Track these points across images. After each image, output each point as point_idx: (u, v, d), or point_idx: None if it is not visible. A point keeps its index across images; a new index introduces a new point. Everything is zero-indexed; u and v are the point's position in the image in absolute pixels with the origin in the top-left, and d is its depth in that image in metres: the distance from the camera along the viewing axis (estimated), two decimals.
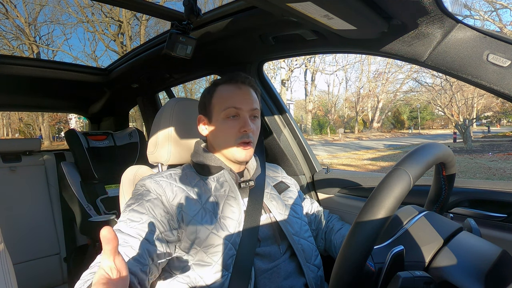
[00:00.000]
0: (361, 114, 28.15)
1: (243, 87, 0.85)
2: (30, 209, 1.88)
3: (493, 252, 0.53)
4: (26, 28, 15.37)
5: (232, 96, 0.83)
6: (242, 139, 0.82)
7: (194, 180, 0.84)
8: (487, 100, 15.54)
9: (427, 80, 21.11)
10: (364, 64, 24.51)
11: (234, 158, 0.84)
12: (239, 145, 0.82)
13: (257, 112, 0.86)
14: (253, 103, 0.85)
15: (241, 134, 0.82)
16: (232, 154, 0.84)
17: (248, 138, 0.82)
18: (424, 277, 0.47)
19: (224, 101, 0.83)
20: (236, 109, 0.82)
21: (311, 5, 0.63)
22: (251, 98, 0.85)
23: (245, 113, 0.83)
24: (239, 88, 0.84)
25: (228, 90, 0.85)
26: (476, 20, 11.79)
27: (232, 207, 0.81)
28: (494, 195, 0.88)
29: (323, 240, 1.02)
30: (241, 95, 0.84)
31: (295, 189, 1.01)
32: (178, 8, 1.09)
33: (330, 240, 0.99)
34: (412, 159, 0.53)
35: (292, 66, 18.86)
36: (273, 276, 0.78)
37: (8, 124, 25.11)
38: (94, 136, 2.08)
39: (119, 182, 1.00)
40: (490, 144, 12.72)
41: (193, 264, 0.74)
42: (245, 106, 0.83)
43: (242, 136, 0.82)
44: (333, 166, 1.67)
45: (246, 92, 0.85)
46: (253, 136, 0.84)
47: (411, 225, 0.60)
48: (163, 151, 0.98)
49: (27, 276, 1.77)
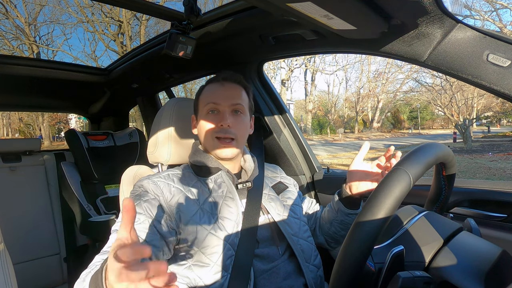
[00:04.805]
0: (361, 114, 28.15)
1: (226, 83, 0.87)
2: (30, 209, 1.88)
3: (493, 252, 0.53)
4: (26, 28, 15.37)
5: (214, 92, 0.86)
6: (219, 134, 0.83)
7: (192, 181, 0.84)
8: (487, 100, 15.54)
9: (427, 80, 21.07)
10: (364, 64, 24.52)
11: (218, 155, 0.85)
12: (218, 140, 0.83)
13: (239, 107, 0.86)
14: (234, 98, 0.85)
15: (219, 128, 0.83)
16: (215, 152, 0.85)
17: (225, 133, 0.83)
18: (424, 277, 0.47)
19: (206, 97, 0.87)
20: (215, 104, 0.85)
21: (311, 5, 0.63)
22: (232, 93, 0.86)
23: (225, 108, 0.84)
24: (222, 85, 0.87)
25: (211, 87, 0.88)
26: (476, 20, 11.80)
27: (230, 207, 0.81)
28: (494, 195, 0.88)
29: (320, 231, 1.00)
30: (222, 91, 0.86)
31: (294, 189, 1.01)
32: (178, 8, 1.09)
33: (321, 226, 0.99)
34: (412, 159, 0.52)
35: (292, 66, 18.86)
36: (272, 276, 0.78)
37: (8, 124, 25.11)
38: (94, 136, 2.08)
39: (119, 182, 1.00)
40: (490, 144, 12.72)
41: (192, 264, 0.74)
42: (224, 101, 0.84)
43: (220, 130, 0.83)
44: (333, 166, 1.67)
45: (228, 88, 0.87)
46: (235, 131, 0.84)
47: (411, 225, 0.60)
48: (163, 151, 0.98)
49: (27, 276, 1.77)
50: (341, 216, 0.90)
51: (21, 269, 1.75)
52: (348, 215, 0.89)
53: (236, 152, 0.86)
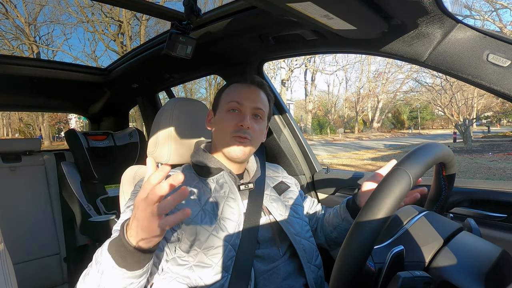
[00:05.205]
0: (361, 114, 28.14)
1: (253, 87, 0.88)
2: (30, 209, 1.88)
3: (493, 252, 0.53)
4: (26, 28, 15.37)
5: (239, 92, 0.87)
6: (238, 133, 0.82)
7: (194, 181, 0.84)
8: (487, 100, 15.54)
9: (427, 80, 21.09)
10: (364, 64, 24.54)
11: (230, 154, 0.84)
12: (234, 139, 0.82)
13: (260, 112, 0.86)
14: (258, 102, 0.86)
15: (238, 128, 0.83)
16: (227, 150, 0.84)
17: (244, 133, 0.82)
18: (424, 277, 0.47)
19: (230, 95, 0.87)
20: (238, 104, 0.85)
21: (311, 5, 0.63)
22: (256, 97, 0.86)
23: (247, 109, 0.84)
24: (248, 87, 0.88)
25: (237, 87, 0.89)
26: (476, 20, 11.80)
27: (232, 208, 0.80)
28: (494, 195, 0.88)
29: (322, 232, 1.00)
30: (247, 93, 0.86)
31: (295, 189, 1.01)
32: (178, 8, 1.09)
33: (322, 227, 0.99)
34: (412, 159, 0.52)
35: (292, 66, 18.86)
36: (273, 276, 0.78)
37: (8, 124, 25.11)
38: (94, 136, 2.08)
39: (119, 182, 1.00)
40: (490, 144, 12.72)
41: (193, 265, 0.74)
42: (247, 103, 0.84)
43: (239, 130, 0.83)
44: (333, 166, 1.67)
45: (253, 91, 0.87)
46: (252, 134, 0.84)
47: (411, 225, 0.60)
48: (163, 151, 0.98)
49: (27, 276, 1.77)
50: (346, 225, 0.91)
51: (21, 269, 1.75)
52: None
53: (248, 155, 0.85)
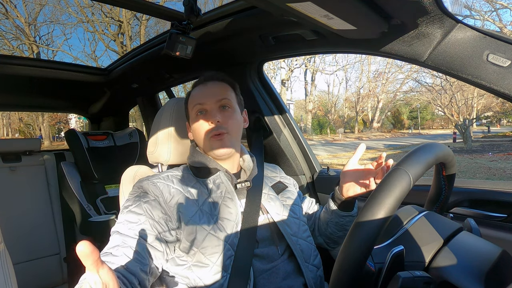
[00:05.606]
0: (361, 114, 28.14)
1: (209, 83, 0.89)
2: (30, 209, 1.88)
3: (493, 252, 0.53)
4: (26, 28, 15.36)
5: (199, 93, 0.88)
6: (212, 132, 0.83)
7: (192, 182, 0.84)
8: (487, 100, 15.53)
9: (427, 80, 21.13)
10: (364, 64, 24.51)
11: (215, 154, 0.84)
12: (212, 139, 0.83)
13: (225, 102, 0.86)
14: (218, 94, 0.86)
15: (210, 127, 0.84)
16: (212, 152, 0.85)
17: (218, 130, 0.83)
18: (424, 277, 0.47)
19: (193, 100, 0.88)
20: (201, 105, 0.86)
21: (311, 5, 0.63)
22: (215, 90, 0.87)
23: (211, 106, 0.85)
24: (205, 85, 0.89)
25: (196, 90, 0.90)
26: (476, 20, 11.80)
27: (229, 208, 0.81)
28: (494, 195, 0.88)
29: (319, 231, 1.00)
30: (206, 91, 0.87)
31: (293, 189, 1.01)
32: (178, 8, 1.09)
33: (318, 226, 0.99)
34: (412, 159, 0.52)
35: (292, 66, 18.85)
36: (272, 276, 0.78)
37: (8, 124, 25.11)
38: (94, 136, 2.08)
39: (119, 182, 1.00)
40: (490, 144, 12.72)
41: (192, 265, 0.74)
42: (209, 100, 0.85)
43: (212, 129, 0.83)
44: (333, 166, 1.67)
45: (211, 86, 0.88)
46: (226, 126, 0.84)
47: (411, 225, 0.60)
48: (163, 151, 0.98)
49: (27, 276, 1.77)
50: (335, 218, 0.90)
51: (21, 269, 1.75)
52: (342, 217, 0.89)
53: (232, 147, 0.85)
